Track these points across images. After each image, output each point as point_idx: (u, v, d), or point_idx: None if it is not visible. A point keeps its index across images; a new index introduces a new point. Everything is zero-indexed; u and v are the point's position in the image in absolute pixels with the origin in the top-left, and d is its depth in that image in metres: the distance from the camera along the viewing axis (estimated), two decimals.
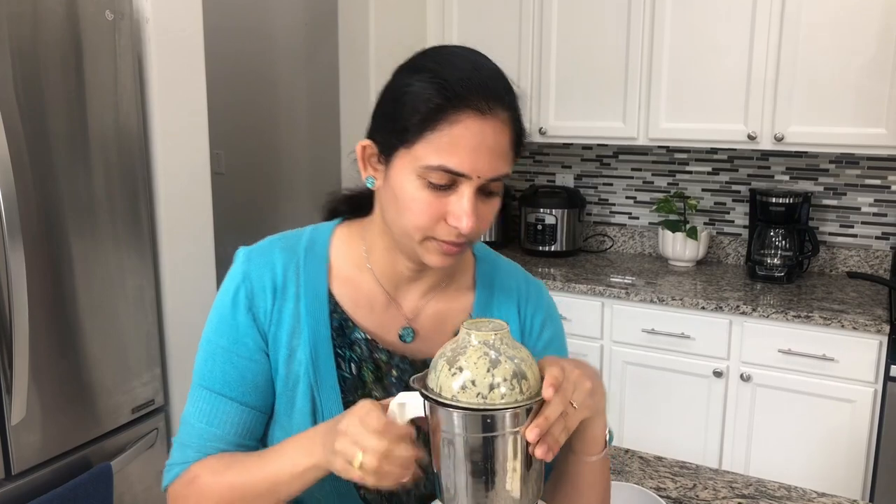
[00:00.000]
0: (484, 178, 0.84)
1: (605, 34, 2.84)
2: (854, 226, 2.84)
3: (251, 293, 0.94)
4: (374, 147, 0.90)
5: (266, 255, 0.96)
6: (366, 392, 0.96)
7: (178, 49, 2.05)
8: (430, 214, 0.85)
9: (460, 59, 0.87)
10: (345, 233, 1.00)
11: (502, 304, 1.02)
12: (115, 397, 1.93)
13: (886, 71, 2.41)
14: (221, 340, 0.94)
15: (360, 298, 0.97)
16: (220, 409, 0.94)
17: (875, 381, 2.29)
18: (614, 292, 2.64)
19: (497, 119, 0.83)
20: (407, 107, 0.84)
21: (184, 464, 0.95)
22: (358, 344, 0.96)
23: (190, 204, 2.14)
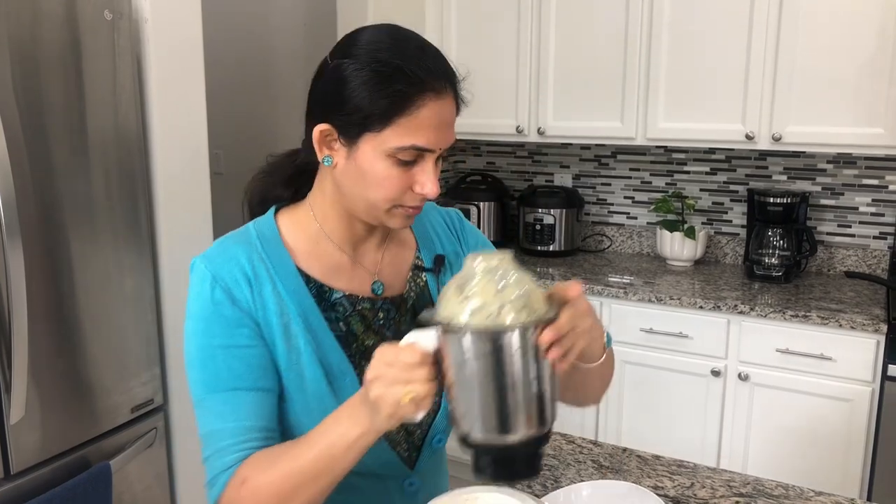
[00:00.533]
0: (443, 149, 0.95)
1: (603, 34, 2.84)
2: (852, 226, 2.84)
3: (227, 289, 0.98)
4: (332, 131, 0.95)
5: (225, 253, 1.00)
6: (360, 342, 1.04)
7: (177, 49, 2.06)
8: (399, 188, 0.94)
9: (406, 42, 0.95)
10: (287, 217, 1.07)
11: (439, 237, 1.16)
12: (114, 397, 1.93)
13: (884, 71, 2.41)
14: (215, 340, 0.97)
15: (327, 267, 1.04)
16: (239, 402, 0.96)
17: (872, 381, 2.30)
18: (612, 292, 2.65)
19: (448, 97, 0.94)
20: (368, 94, 0.90)
21: (226, 470, 0.95)
22: (339, 303, 1.04)
23: (189, 204, 2.15)
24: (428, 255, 1.14)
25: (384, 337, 1.05)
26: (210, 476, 0.97)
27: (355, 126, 0.93)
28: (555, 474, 1.35)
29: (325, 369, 1.00)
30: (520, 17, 2.97)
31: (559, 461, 1.41)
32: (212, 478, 0.97)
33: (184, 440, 2.18)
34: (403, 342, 0.82)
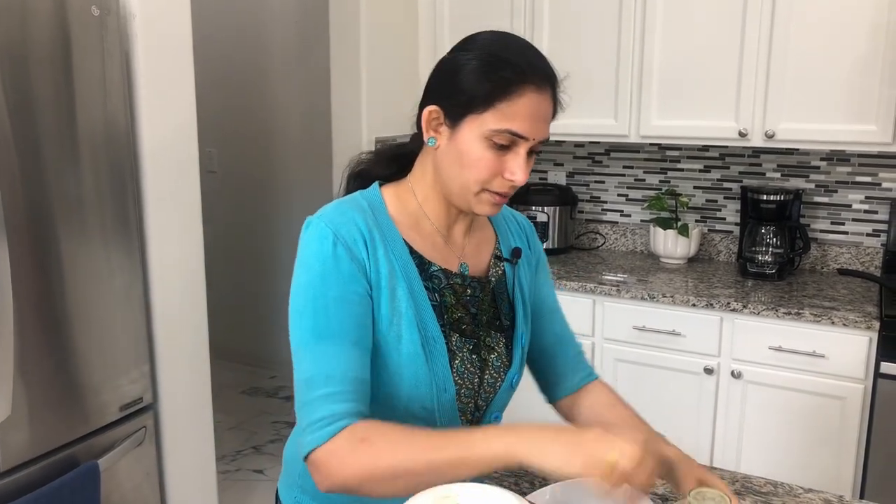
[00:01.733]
0: (536, 140, 1.04)
1: (596, 31, 2.83)
2: (845, 223, 2.84)
3: (348, 246, 1.04)
4: (439, 112, 1.05)
5: (344, 215, 1.07)
6: (450, 314, 1.12)
7: (166, 45, 2.05)
8: (491, 170, 1.03)
9: (516, 41, 1.07)
10: (392, 192, 1.15)
11: (514, 235, 1.27)
12: (103, 395, 1.92)
13: (876, 68, 2.41)
14: (331, 292, 1.02)
15: (425, 241, 1.13)
16: (348, 353, 1.01)
17: (865, 378, 2.30)
18: (605, 290, 2.64)
19: (547, 94, 1.04)
20: (476, 80, 1.01)
21: (339, 419, 0.97)
22: (436, 275, 1.12)
23: (178, 201, 2.14)
24: (506, 247, 1.24)
25: (469, 312, 1.15)
26: (312, 419, 0.98)
27: (460, 107, 1.02)
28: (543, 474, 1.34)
29: (422, 333, 1.07)
30: (513, 16, 2.96)
31: None
32: (315, 421, 0.98)
33: (173, 439, 2.17)
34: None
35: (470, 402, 1.16)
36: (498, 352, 1.18)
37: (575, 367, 1.31)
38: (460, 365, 1.12)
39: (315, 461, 0.97)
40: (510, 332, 1.21)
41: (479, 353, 1.15)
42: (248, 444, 3.54)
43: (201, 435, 2.29)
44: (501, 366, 1.18)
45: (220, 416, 3.72)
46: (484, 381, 1.16)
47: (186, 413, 2.22)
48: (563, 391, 1.31)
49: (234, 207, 4.36)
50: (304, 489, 1.20)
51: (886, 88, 2.40)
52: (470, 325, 1.15)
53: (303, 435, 0.99)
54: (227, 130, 4.30)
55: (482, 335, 1.16)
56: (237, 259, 4.40)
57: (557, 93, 1.07)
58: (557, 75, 1.07)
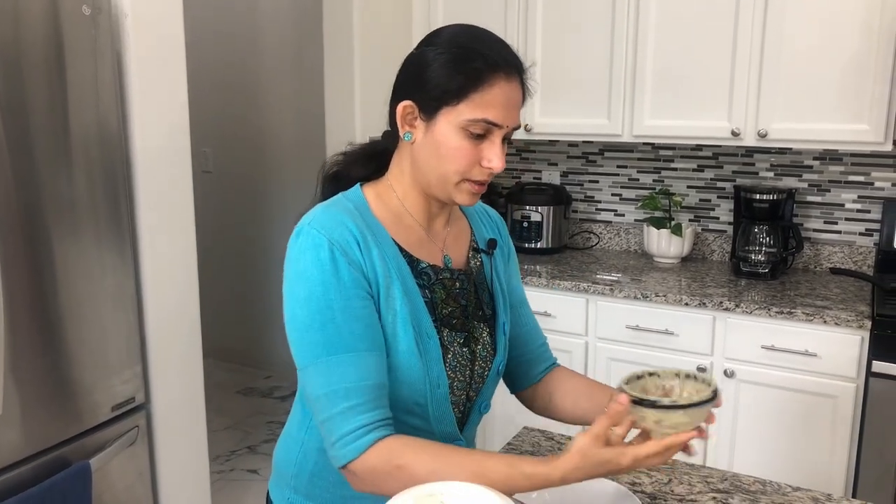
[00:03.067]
0: (510, 127, 1.07)
1: (589, 31, 2.84)
2: (838, 222, 2.85)
3: (344, 251, 1.05)
4: (413, 107, 1.07)
5: (335, 219, 1.07)
6: (439, 309, 1.14)
7: (159, 45, 2.04)
8: (468, 160, 1.06)
9: (482, 33, 1.08)
10: (373, 191, 1.15)
11: (486, 227, 1.29)
12: (95, 395, 1.92)
13: (868, 67, 2.41)
14: (335, 302, 1.03)
15: (410, 238, 1.15)
16: (363, 362, 1.03)
17: (857, 377, 2.30)
18: (599, 289, 2.64)
19: (516, 82, 1.07)
20: (448, 72, 1.03)
21: (367, 433, 1.00)
22: (425, 272, 1.14)
23: (171, 202, 2.13)
24: (480, 238, 1.27)
25: (459, 305, 1.17)
26: (340, 434, 1.01)
27: (434, 100, 1.05)
28: None
29: (416, 331, 1.09)
30: (506, 16, 2.97)
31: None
32: (344, 435, 1.00)
33: (166, 439, 2.16)
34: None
35: (462, 395, 1.18)
36: (483, 342, 1.20)
37: (540, 358, 1.35)
38: (452, 359, 1.14)
39: (353, 471, 1.02)
40: (492, 322, 1.23)
41: (469, 345, 1.17)
42: (242, 445, 3.53)
43: (194, 435, 2.29)
44: (487, 355, 1.21)
45: (215, 417, 3.73)
46: (474, 372, 1.18)
47: (179, 413, 2.22)
48: (528, 381, 1.34)
49: (229, 207, 4.36)
50: (297, 489, 1.20)
51: (878, 88, 2.41)
52: (460, 318, 1.17)
53: (332, 448, 1.02)
54: (222, 131, 4.30)
55: (470, 328, 1.18)
56: (233, 259, 4.40)
57: (525, 80, 1.10)
58: (525, 63, 1.09)
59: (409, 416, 1.11)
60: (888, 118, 2.40)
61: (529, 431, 1.53)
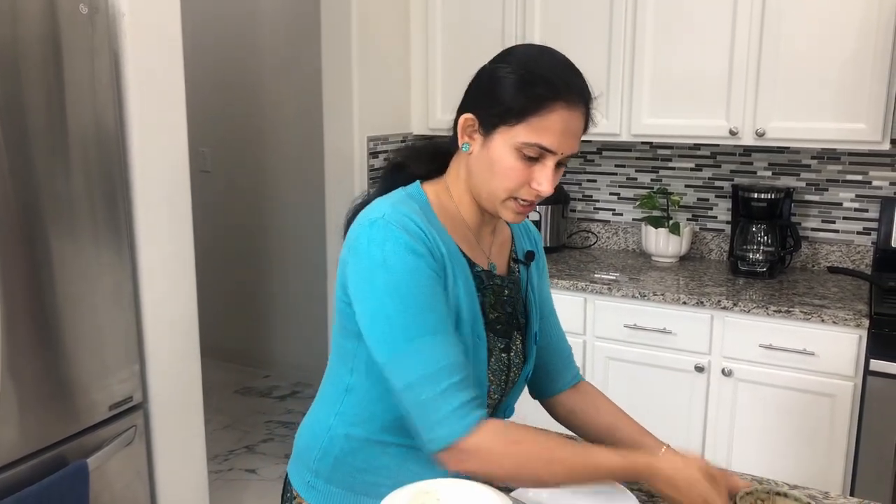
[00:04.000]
0: (564, 154, 1.08)
1: (587, 29, 2.84)
2: (836, 221, 2.85)
3: (420, 241, 1.07)
4: (474, 120, 1.10)
5: (406, 217, 1.09)
6: (489, 313, 1.17)
7: (156, 44, 2.04)
8: (519, 180, 1.07)
9: (553, 58, 1.10)
10: (433, 191, 1.18)
11: (525, 238, 1.32)
12: (92, 394, 1.92)
13: (866, 66, 2.42)
14: (423, 288, 1.05)
15: (463, 241, 1.17)
16: (453, 342, 1.06)
17: (855, 376, 2.30)
18: (597, 288, 2.65)
19: (579, 111, 1.07)
20: (512, 93, 1.05)
21: (471, 405, 1.03)
22: (479, 276, 1.17)
23: (169, 201, 2.13)
24: (520, 249, 1.30)
25: (505, 311, 1.20)
26: (448, 410, 1.02)
27: (494, 118, 1.07)
28: None
29: (471, 330, 1.12)
30: (504, 15, 2.96)
31: None
32: (452, 411, 1.02)
33: (164, 438, 2.17)
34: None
35: (496, 398, 1.21)
36: (516, 349, 1.23)
37: (566, 367, 1.39)
38: (495, 363, 1.17)
39: (463, 450, 1.02)
40: (525, 330, 1.26)
41: (509, 352, 1.20)
42: (240, 444, 3.53)
43: (192, 434, 2.29)
44: (519, 362, 1.24)
45: (213, 416, 3.73)
46: (510, 378, 1.22)
47: (177, 412, 2.22)
48: (555, 389, 1.38)
49: (228, 207, 4.36)
50: (318, 473, 1.22)
51: (876, 87, 2.41)
52: (505, 324, 1.19)
53: (436, 427, 1.02)
54: (221, 130, 4.30)
55: (512, 333, 1.21)
56: (231, 258, 4.40)
57: (591, 109, 1.10)
58: (592, 93, 1.10)
59: None
60: (885, 117, 2.40)
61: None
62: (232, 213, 4.36)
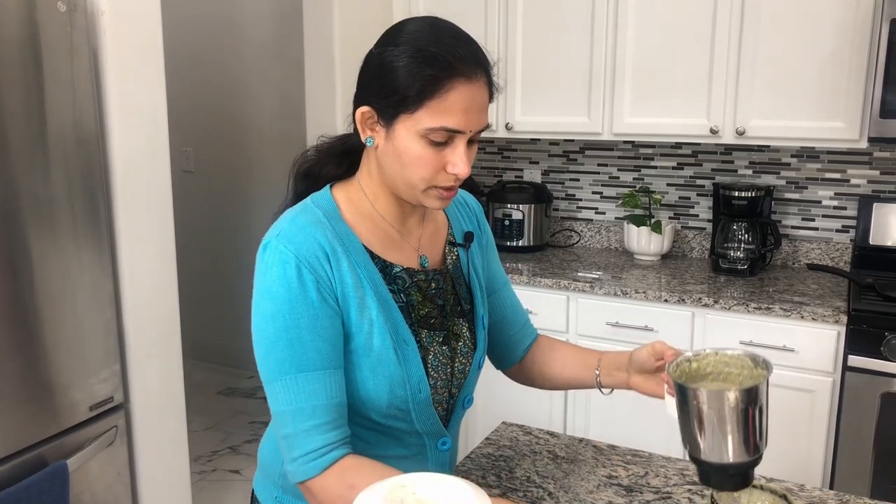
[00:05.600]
0: (474, 131, 1.02)
1: (569, 29, 2.85)
2: (815, 219, 2.88)
3: (312, 267, 1.02)
4: (372, 113, 1.03)
5: (302, 232, 1.04)
6: (416, 311, 1.13)
7: (136, 42, 2.03)
8: (432, 167, 1.01)
9: (441, 32, 1.02)
10: (343, 194, 1.13)
11: (464, 218, 1.27)
12: (72, 394, 1.91)
13: (843, 65, 2.44)
14: (303, 320, 1.01)
15: (383, 242, 1.12)
16: (328, 381, 1.02)
17: (833, 371, 2.33)
18: (579, 286, 2.66)
19: (480, 82, 1.01)
20: (404, 79, 0.98)
21: (329, 451, 1.01)
22: (399, 276, 1.12)
23: (150, 200, 2.12)
24: (458, 231, 1.24)
25: (436, 305, 1.15)
26: (304, 451, 1.01)
27: (392, 108, 1.00)
28: (510, 465, 1.35)
29: (393, 338, 1.07)
30: (486, 13, 2.97)
31: (515, 452, 1.41)
32: (307, 452, 1.01)
33: (145, 438, 2.15)
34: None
35: (445, 392, 1.18)
36: (464, 337, 1.19)
37: (524, 335, 1.37)
38: (434, 359, 1.14)
39: (310, 488, 1.03)
40: (471, 316, 1.22)
41: (449, 343, 1.17)
42: (224, 445, 3.52)
43: (174, 435, 2.27)
44: (468, 350, 1.20)
45: (197, 417, 3.71)
46: (455, 369, 1.18)
47: (159, 413, 2.20)
48: (515, 358, 1.37)
49: (211, 206, 4.34)
50: (285, 489, 1.18)
51: (853, 85, 2.43)
52: (438, 317, 1.16)
53: (294, 464, 1.02)
54: (203, 130, 4.28)
55: (449, 325, 1.17)
56: (214, 259, 4.38)
57: (492, 77, 1.05)
58: (489, 59, 1.04)
59: (393, 420, 1.11)
60: (863, 115, 2.43)
61: (507, 426, 1.54)
62: (215, 213, 4.34)
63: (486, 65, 1.03)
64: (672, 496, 1.26)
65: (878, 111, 2.34)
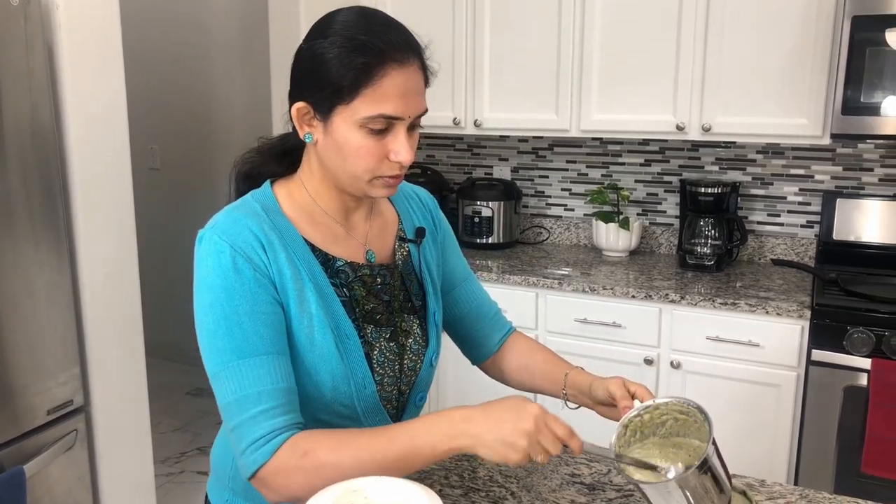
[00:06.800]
0: (412, 116, 1.02)
1: (536, 26, 2.84)
2: (781, 214, 2.90)
3: (247, 256, 1.01)
4: (308, 108, 1.02)
5: (237, 224, 1.03)
6: (361, 306, 1.11)
7: (92, 36, 1.99)
8: (375, 157, 1.01)
9: (370, 19, 1.02)
10: (284, 190, 1.11)
11: (416, 213, 1.25)
12: (29, 398, 1.86)
13: (807, 62, 2.46)
14: (241, 308, 1.00)
15: (325, 236, 1.10)
16: (273, 365, 0.99)
17: (798, 366, 2.35)
18: (548, 283, 2.66)
19: (414, 66, 1.01)
20: (336, 70, 0.97)
21: (278, 434, 0.97)
22: (342, 270, 1.10)
23: (109, 197, 2.08)
24: (409, 227, 1.23)
25: (382, 300, 1.13)
26: (252, 439, 0.97)
27: (327, 100, 0.99)
28: (472, 465, 1.34)
29: (334, 333, 1.05)
30: (454, 11, 2.96)
31: None
32: (255, 440, 0.97)
33: (108, 442, 2.11)
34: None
35: (393, 390, 1.15)
36: (414, 335, 1.17)
37: (495, 328, 1.36)
38: (379, 355, 1.11)
39: (263, 479, 0.98)
40: (423, 313, 1.20)
41: (397, 339, 1.15)
42: (192, 446, 3.47)
43: (137, 437, 2.24)
44: (419, 348, 1.18)
45: (165, 418, 3.66)
46: (404, 366, 1.16)
47: (121, 415, 2.16)
48: (487, 352, 1.36)
49: (177, 205, 4.28)
50: (235, 491, 1.17)
51: (816, 82, 2.46)
52: (384, 313, 1.14)
53: (243, 456, 0.98)
54: (170, 128, 4.21)
55: (397, 321, 1.15)
56: (182, 258, 4.31)
57: (426, 61, 1.04)
58: (421, 44, 1.04)
59: (339, 419, 1.09)
60: (826, 112, 2.46)
61: None
62: (182, 211, 4.28)
63: (419, 49, 1.03)
64: (634, 494, 1.25)
65: (839, 108, 2.36)
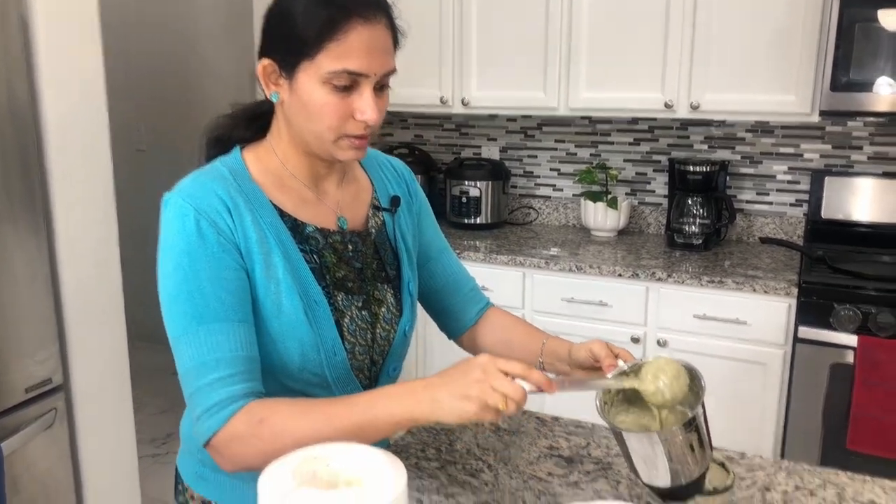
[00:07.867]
0: (379, 74, 1.00)
1: (524, 2, 2.81)
2: (770, 193, 2.89)
3: (212, 220, 0.99)
4: (274, 65, 1.01)
5: (203, 187, 1.01)
6: (332, 273, 1.09)
7: (69, 11, 1.95)
8: (339, 115, 0.99)
9: None
10: (253, 154, 1.09)
11: (391, 182, 1.24)
12: (6, 376, 1.84)
13: (796, 39, 2.44)
14: (202, 273, 0.97)
15: (295, 201, 1.09)
16: (232, 332, 0.97)
17: (785, 343, 2.34)
18: (535, 262, 2.64)
19: (380, 24, 0.99)
20: (301, 24, 0.97)
21: (234, 402, 0.95)
22: (312, 236, 1.08)
23: (88, 175, 2.05)
24: (383, 196, 1.21)
25: (353, 268, 1.12)
26: (207, 405, 0.95)
27: (292, 56, 0.98)
28: (450, 438, 1.33)
29: (302, 299, 1.04)
30: None
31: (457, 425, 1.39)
32: (210, 406, 0.95)
33: (88, 421, 2.10)
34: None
35: (365, 359, 1.14)
36: (387, 304, 1.16)
37: (471, 301, 1.34)
38: (350, 323, 1.10)
39: (216, 446, 0.96)
40: (397, 282, 1.19)
41: (370, 308, 1.13)
42: (178, 427, 3.46)
43: (119, 417, 2.22)
44: (392, 317, 1.17)
45: (151, 399, 3.65)
46: (376, 335, 1.14)
47: (102, 394, 2.15)
48: (463, 326, 1.34)
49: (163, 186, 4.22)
50: (204, 462, 1.15)
51: (805, 59, 2.43)
52: (356, 281, 1.12)
53: (198, 422, 0.96)
54: (156, 109, 4.17)
55: (370, 289, 1.14)
56: None
57: (394, 19, 1.03)
58: (389, 2, 1.03)
59: (311, 388, 1.07)
60: (814, 89, 2.43)
61: None
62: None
63: (387, 6, 1.02)
64: (612, 466, 1.24)
65: (828, 85, 2.33)
